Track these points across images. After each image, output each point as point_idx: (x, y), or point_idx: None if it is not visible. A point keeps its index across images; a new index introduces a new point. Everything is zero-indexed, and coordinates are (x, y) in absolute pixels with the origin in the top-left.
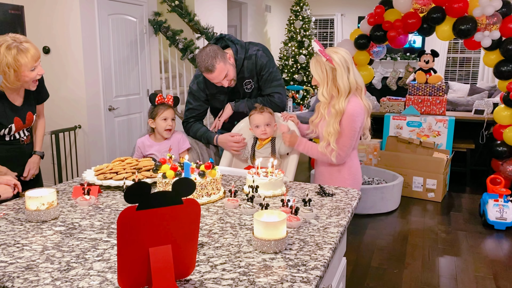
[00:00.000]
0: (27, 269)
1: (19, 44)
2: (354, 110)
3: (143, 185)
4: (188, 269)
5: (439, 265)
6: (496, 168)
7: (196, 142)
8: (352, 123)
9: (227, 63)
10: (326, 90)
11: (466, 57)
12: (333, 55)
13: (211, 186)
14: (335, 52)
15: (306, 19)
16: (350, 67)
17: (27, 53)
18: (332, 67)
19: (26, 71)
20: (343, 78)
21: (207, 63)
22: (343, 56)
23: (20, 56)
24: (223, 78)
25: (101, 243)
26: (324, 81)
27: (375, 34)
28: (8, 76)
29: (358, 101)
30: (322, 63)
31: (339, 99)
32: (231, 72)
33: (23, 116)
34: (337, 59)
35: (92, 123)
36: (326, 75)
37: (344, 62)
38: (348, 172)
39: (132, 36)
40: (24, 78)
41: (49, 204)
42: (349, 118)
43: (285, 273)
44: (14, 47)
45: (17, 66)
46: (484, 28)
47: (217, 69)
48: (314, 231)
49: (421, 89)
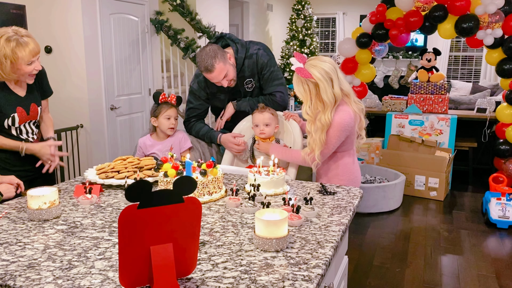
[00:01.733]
0: (29, 268)
1: (19, 38)
2: (342, 120)
3: (144, 183)
4: (189, 267)
5: (441, 264)
6: (498, 166)
7: (198, 141)
8: (339, 133)
9: (227, 63)
10: (310, 107)
11: (469, 55)
12: (312, 70)
13: (213, 184)
14: (313, 66)
15: (308, 17)
16: (333, 78)
17: (25, 47)
18: (314, 82)
19: (23, 64)
20: (327, 91)
21: (206, 63)
22: (323, 69)
23: (18, 49)
24: (223, 78)
25: (102, 242)
26: (307, 98)
27: (377, 32)
28: (4, 67)
29: (347, 109)
30: (303, 81)
31: (325, 112)
32: (230, 72)
33: (26, 106)
34: (317, 74)
35: (94, 123)
36: (309, 91)
37: (325, 74)
38: (341, 172)
39: (133, 35)
40: (20, 71)
41: (51, 203)
42: (337, 128)
43: (287, 272)
44: (14, 39)
45: (14, 59)
46: (486, 26)
47: (216, 69)
48: (316, 229)
49: (423, 88)
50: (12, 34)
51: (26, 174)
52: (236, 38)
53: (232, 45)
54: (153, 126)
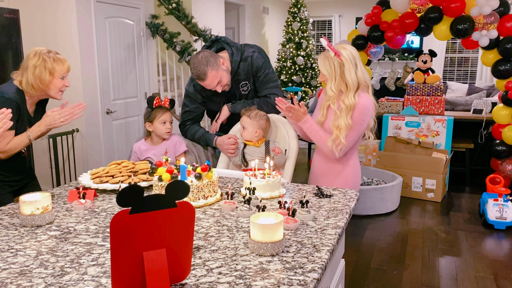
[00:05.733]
0: (20, 275)
1: (55, 54)
2: (366, 103)
3: (136, 188)
4: (183, 273)
5: (439, 266)
6: (495, 167)
7: (193, 145)
8: (363, 116)
9: (219, 69)
10: (334, 85)
11: (464, 56)
12: (341, 51)
13: (208, 188)
14: (343, 48)
15: (303, 20)
16: (357, 63)
17: (64, 62)
18: (340, 62)
19: (58, 77)
20: (351, 73)
21: (198, 71)
22: (351, 52)
23: (56, 63)
24: (216, 85)
25: (96, 248)
26: (332, 76)
27: (372, 34)
28: (42, 78)
29: (368, 96)
30: (330, 58)
31: (348, 94)
32: (224, 78)
33: None
34: (345, 54)
35: (90, 127)
36: (334, 70)
37: (352, 57)
38: (350, 174)
39: (129, 39)
40: (53, 85)
41: (43, 208)
42: (361, 111)
43: (282, 276)
44: (51, 55)
45: (53, 70)
46: (481, 27)
47: (208, 77)
48: (312, 233)
49: (420, 89)
50: (47, 51)
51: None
52: (231, 41)
53: (227, 48)
54: (148, 130)
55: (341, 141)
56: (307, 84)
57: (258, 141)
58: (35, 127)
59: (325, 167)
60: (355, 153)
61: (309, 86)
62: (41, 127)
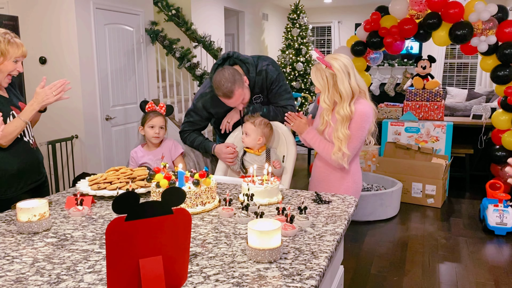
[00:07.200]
0: (16, 282)
1: (11, 37)
2: (366, 110)
3: (132, 195)
4: (180, 280)
5: (439, 272)
6: (495, 173)
7: (192, 150)
8: (364, 123)
9: (244, 87)
10: (327, 97)
11: (464, 62)
12: (332, 62)
13: (206, 195)
14: (334, 58)
15: (303, 26)
16: (350, 72)
17: (20, 46)
18: (332, 73)
19: (10, 60)
20: (344, 83)
21: (225, 89)
22: (343, 62)
23: (11, 46)
24: (240, 103)
25: (93, 255)
26: (325, 88)
27: (371, 40)
28: None
29: (367, 102)
30: (322, 70)
31: (342, 105)
32: (247, 96)
33: (16, 105)
34: (336, 65)
35: (89, 133)
36: (327, 81)
37: (344, 67)
38: (352, 180)
39: (129, 46)
40: (4, 66)
41: (40, 215)
42: (361, 118)
43: (280, 283)
44: (7, 37)
45: (5, 52)
46: (480, 33)
47: (235, 95)
48: (310, 239)
49: (419, 95)
50: (4, 31)
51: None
52: (244, 57)
53: (241, 65)
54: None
55: (345, 152)
56: (307, 90)
57: (259, 149)
58: (27, 107)
59: (326, 173)
60: (356, 159)
61: (308, 92)
62: (34, 105)
